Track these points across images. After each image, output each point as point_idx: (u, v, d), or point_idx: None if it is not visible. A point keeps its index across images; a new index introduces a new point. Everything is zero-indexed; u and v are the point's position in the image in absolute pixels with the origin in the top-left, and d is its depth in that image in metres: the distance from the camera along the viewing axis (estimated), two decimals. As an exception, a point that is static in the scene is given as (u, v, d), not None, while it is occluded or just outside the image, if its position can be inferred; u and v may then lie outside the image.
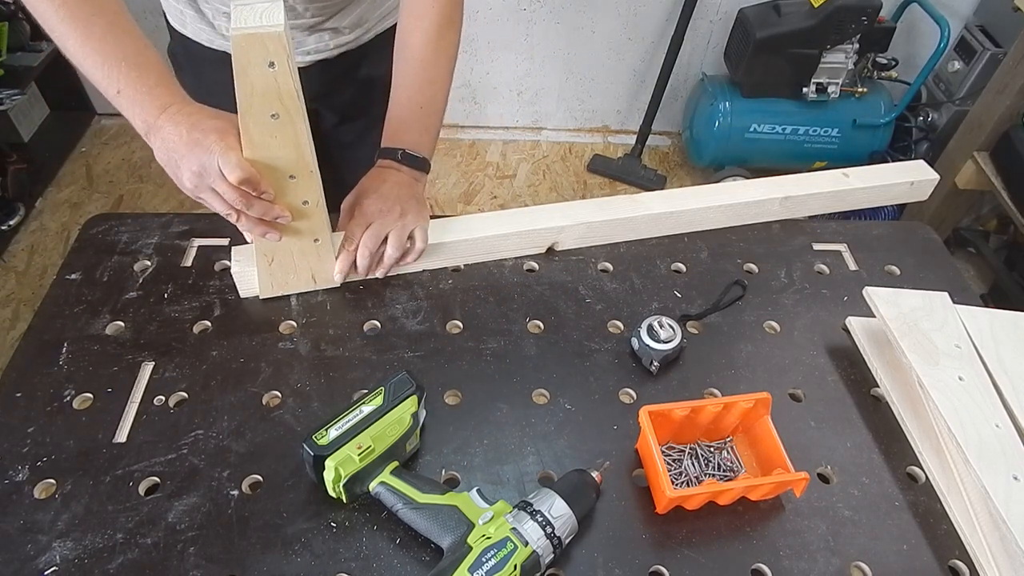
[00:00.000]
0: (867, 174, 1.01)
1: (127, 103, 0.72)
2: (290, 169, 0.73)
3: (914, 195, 1.03)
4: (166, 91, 0.73)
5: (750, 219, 1.00)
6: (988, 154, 2.17)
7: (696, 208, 0.96)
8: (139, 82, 0.71)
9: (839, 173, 1.01)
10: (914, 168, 1.03)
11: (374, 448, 0.65)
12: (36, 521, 0.65)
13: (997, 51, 2.26)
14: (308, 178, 0.75)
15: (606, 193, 2.61)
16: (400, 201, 0.86)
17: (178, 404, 0.75)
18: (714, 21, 2.48)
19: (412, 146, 0.90)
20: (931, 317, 0.81)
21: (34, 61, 2.36)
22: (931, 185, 1.02)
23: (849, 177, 1.01)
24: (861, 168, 1.03)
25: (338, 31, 1.01)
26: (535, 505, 0.63)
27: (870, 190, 1.01)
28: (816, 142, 2.41)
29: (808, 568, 0.66)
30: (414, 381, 0.70)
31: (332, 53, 1.02)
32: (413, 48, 0.90)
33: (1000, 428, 0.71)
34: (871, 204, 1.03)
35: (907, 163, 1.04)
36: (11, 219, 2.24)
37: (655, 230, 0.97)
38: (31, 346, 0.79)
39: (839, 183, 1.00)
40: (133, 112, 0.72)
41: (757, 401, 0.72)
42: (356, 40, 1.04)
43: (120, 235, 0.92)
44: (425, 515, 0.63)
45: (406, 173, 0.90)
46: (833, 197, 1.00)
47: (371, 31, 1.05)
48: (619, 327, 0.86)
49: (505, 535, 0.60)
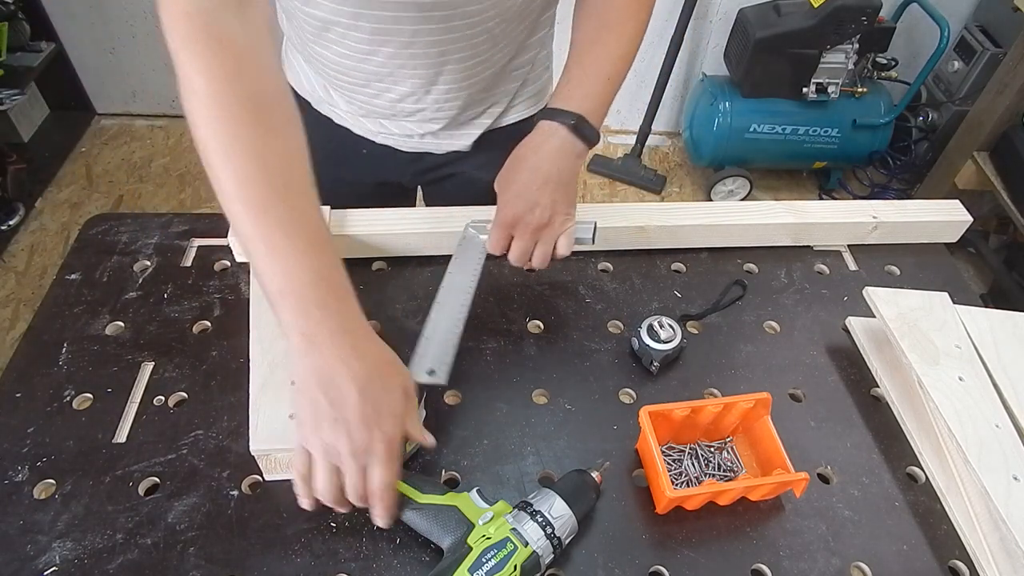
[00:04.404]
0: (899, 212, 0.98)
1: (290, 308, 0.57)
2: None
3: (942, 235, 1.00)
4: (343, 309, 0.59)
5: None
6: (988, 154, 2.18)
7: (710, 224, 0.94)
8: (312, 290, 0.57)
9: (869, 216, 0.96)
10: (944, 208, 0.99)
11: None
12: (36, 521, 0.65)
13: (997, 51, 2.26)
14: None
15: (606, 193, 2.61)
16: (547, 190, 0.77)
17: (178, 404, 0.75)
18: (714, 21, 2.48)
19: (589, 114, 0.78)
20: (931, 317, 0.81)
21: (34, 61, 2.37)
22: (964, 226, 0.99)
23: (877, 218, 0.96)
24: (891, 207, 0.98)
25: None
26: (535, 505, 0.63)
27: (899, 229, 0.98)
28: (816, 142, 2.41)
29: (808, 568, 0.66)
30: (415, 381, 0.70)
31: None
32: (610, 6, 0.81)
33: (1000, 428, 0.71)
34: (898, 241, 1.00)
35: (941, 203, 1.00)
36: (11, 219, 2.24)
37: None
38: (31, 346, 0.79)
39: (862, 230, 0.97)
40: (295, 323, 0.57)
41: (757, 401, 0.72)
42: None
43: (120, 235, 0.92)
44: (425, 515, 0.63)
45: (570, 146, 0.78)
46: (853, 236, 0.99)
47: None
48: (619, 327, 0.86)
49: (505, 535, 0.60)
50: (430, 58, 0.83)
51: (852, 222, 0.96)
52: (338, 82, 0.91)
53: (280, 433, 0.67)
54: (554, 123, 0.78)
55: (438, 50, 0.82)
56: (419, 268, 0.91)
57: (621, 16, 0.82)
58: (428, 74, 0.85)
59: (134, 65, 2.58)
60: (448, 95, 0.89)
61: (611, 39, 0.82)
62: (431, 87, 0.87)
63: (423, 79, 0.86)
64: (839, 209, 0.98)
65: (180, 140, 2.65)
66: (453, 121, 0.94)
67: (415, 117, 0.93)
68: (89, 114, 2.70)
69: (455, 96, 0.90)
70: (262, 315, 0.76)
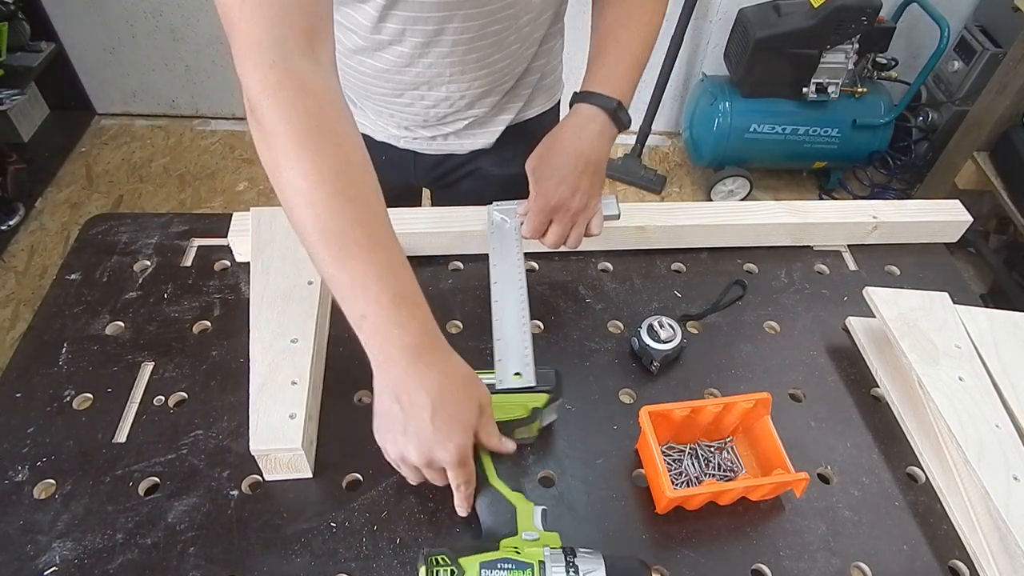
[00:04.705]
0: (898, 212, 0.98)
1: (370, 330, 0.60)
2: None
3: (942, 235, 1.00)
4: (419, 328, 0.61)
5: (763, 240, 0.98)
6: (988, 154, 2.18)
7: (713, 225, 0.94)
8: (392, 311, 0.59)
9: (869, 216, 0.96)
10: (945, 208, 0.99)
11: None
12: (36, 521, 0.65)
13: (997, 51, 2.26)
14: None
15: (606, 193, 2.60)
16: (587, 174, 0.79)
17: (178, 404, 0.75)
18: (714, 21, 2.48)
19: (624, 98, 0.81)
20: (931, 317, 0.81)
21: (34, 61, 2.37)
22: (964, 226, 0.99)
23: (877, 218, 0.96)
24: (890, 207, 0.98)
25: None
26: (578, 560, 0.59)
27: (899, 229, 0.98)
28: (816, 142, 2.41)
29: (808, 568, 0.66)
30: (555, 382, 0.71)
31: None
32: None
33: (1000, 428, 0.71)
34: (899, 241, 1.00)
35: (941, 203, 1.00)
36: (11, 219, 2.24)
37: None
38: (31, 346, 0.79)
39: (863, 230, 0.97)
40: (375, 343, 0.61)
41: (757, 401, 0.72)
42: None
43: (120, 235, 0.92)
44: (485, 495, 0.64)
45: (609, 130, 0.80)
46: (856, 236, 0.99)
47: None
48: (619, 327, 0.86)
49: (532, 562, 0.58)
50: (467, 64, 0.84)
51: (852, 222, 0.96)
52: (370, 93, 0.92)
53: (280, 433, 0.66)
54: (594, 107, 0.79)
55: (475, 56, 0.83)
56: (419, 268, 0.90)
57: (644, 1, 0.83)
58: (464, 79, 0.87)
59: (134, 65, 2.58)
60: (480, 96, 0.91)
61: (636, 24, 0.83)
62: (465, 92, 0.89)
63: (458, 83, 0.87)
64: (839, 209, 0.98)
65: (180, 140, 2.65)
66: (478, 120, 0.95)
67: (445, 120, 0.94)
68: (89, 114, 2.70)
69: (485, 95, 0.91)
70: (261, 314, 0.76)
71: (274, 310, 0.77)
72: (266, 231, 0.84)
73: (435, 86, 0.87)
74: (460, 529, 0.67)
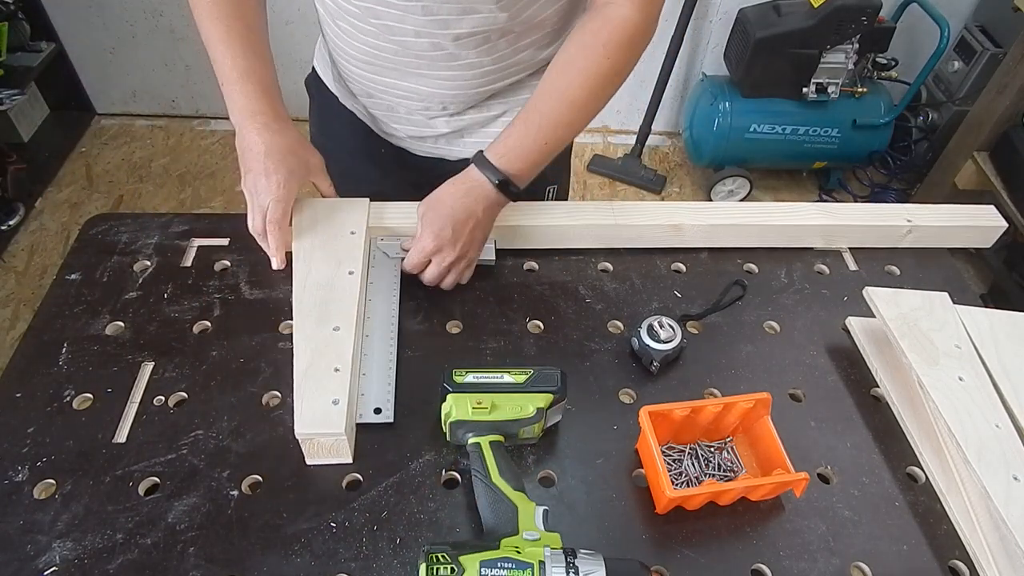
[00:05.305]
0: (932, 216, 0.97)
1: (226, 96, 0.83)
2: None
3: (976, 241, 1.00)
4: (262, 99, 0.82)
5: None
6: (988, 154, 2.18)
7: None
8: (240, 83, 0.82)
9: (904, 220, 0.96)
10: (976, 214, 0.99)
11: (489, 411, 0.68)
12: (36, 521, 0.65)
13: (997, 51, 2.26)
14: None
15: (606, 193, 2.61)
16: (469, 229, 0.83)
17: (178, 404, 0.75)
18: (714, 21, 2.48)
19: (518, 175, 0.85)
20: (931, 317, 0.81)
21: (34, 61, 2.37)
22: (998, 232, 0.99)
23: (912, 222, 0.96)
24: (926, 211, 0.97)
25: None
26: (578, 560, 0.59)
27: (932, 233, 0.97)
28: (816, 142, 2.41)
29: (808, 568, 0.66)
30: (560, 383, 0.72)
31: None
32: (570, 75, 0.83)
33: (1000, 428, 0.71)
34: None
35: (977, 208, 0.99)
36: (11, 219, 2.24)
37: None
38: (31, 346, 0.79)
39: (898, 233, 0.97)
40: (228, 105, 0.83)
41: (757, 401, 0.72)
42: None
43: (120, 235, 0.92)
44: (487, 494, 0.64)
45: (496, 197, 0.84)
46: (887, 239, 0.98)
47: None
48: (619, 327, 0.86)
49: (532, 562, 0.58)
50: (435, 60, 0.88)
51: (887, 225, 0.96)
52: (378, 68, 0.94)
53: (323, 418, 0.68)
54: (483, 176, 0.84)
55: (441, 54, 0.87)
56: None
57: (584, 86, 0.83)
58: (434, 76, 0.90)
59: (134, 65, 2.59)
60: (453, 100, 0.94)
61: (565, 106, 0.84)
62: (436, 92, 0.92)
63: (428, 79, 0.90)
64: (873, 212, 0.97)
65: (180, 140, 2.65)
66: (468, 128, 0.99)
67: (428, 118, 0.98)
68: (89, 114, 2.70)
69: (463, 102, 0.94)
70: (304, 302, 0.78)
71: (316, 298, 0.78)
72: (308, 220, 0.86)
73: (405, 76, 0.91)
74: (460, 528, 0.67)
